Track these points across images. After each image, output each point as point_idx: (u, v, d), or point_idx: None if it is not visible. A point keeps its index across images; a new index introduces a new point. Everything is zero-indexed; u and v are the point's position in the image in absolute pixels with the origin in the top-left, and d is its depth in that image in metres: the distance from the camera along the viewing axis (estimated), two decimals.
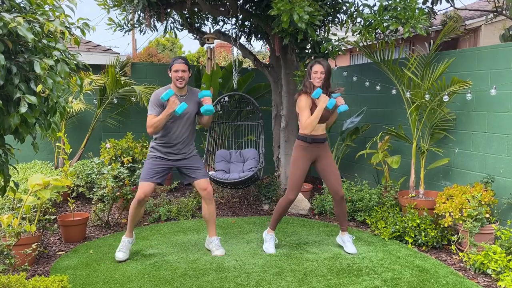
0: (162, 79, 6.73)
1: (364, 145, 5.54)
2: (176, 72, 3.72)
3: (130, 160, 5.39)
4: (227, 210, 5.49)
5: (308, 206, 5.38)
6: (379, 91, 5.43)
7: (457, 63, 4.66)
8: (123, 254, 3.79)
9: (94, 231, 4.66)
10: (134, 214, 3.82)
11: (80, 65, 2.39)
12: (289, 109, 5.58)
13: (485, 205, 3.88)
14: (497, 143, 4.26)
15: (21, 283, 2.69)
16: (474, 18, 8.98)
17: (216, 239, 4.00)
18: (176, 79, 3.73)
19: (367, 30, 4.50)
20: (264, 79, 6.33)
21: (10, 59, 2.01)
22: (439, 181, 4.94)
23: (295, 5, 4.00)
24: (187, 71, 3.75)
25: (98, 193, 4.69)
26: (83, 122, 6.66)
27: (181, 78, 3.72)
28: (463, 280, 3.35)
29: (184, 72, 3.73)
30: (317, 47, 4.76)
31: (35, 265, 3.73)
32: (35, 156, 6.24)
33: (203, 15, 6.28)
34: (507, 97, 4.15)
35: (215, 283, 3.28)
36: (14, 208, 4.07)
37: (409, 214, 4.25)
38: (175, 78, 3.73)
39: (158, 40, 19.20)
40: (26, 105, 1.98)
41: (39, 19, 2.07)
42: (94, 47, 7.17)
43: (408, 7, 4.31)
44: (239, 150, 5.42)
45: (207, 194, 3.85)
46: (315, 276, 3.42)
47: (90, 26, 2.33)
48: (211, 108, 3.71)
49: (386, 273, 3.47)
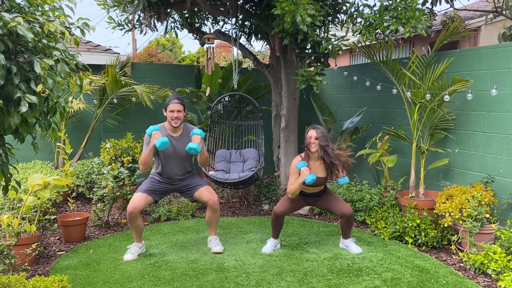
0: (162, 79, 6.73)
1: (364, 145, 5.54)
2: (172, 112, 3.79)
3: (130, 160, 5.39)
4: (227, 210, 5.49)
5: (308, 206, 5.37)
6: (379, 91, 5.42)
7: (457, 63, 4.66)
8: (131, 256, 3.81)
9: (94, 231, 4.66)
10: (132, 226, 3.82)
11: (80, 65, 2.39)
12: (289, 109, 5.58)
13: (485, 205, 3.88)
14: (497, 143, 4.26)
15: (21, 283, 2.69)
16: (474, 18, 8.98)
17: (215, 238, 4.05)
18: (171, 119, 3.80)
19: (368, 30, 4.50)
20: (264, 79, 6.33)
21: (10, 59, 2.01)
22: (439, 181, 4.94)
23: (299, 7, 4.00)
24: (182, 111, 3.82)
25: (98, 193, 4.69)
26: (83, 122, 6.66)
27: (177, 118, 3.80)
28: (463, 280, 3.35)
29: (179, 112, 3.80)
30: (317, 47, 4.76)
31: (35, 265, 3.73)
32: (35, 156, 6.24)
33: (203, 15, 6.28)
34: (507, 97, 4.15)
35: (215, 283, 3.28)
36: (14, 208, 4.06)
37: (409, 214, 4.25)
38: (170, 118, 3.81)
39: (158, 40, 19.19)
40: (27, 105, 1.98)
41: (39, 19, 2.07)
42: (94, 47, 7.17)
43: (409, 7, 4.31)
44: (239, 150, 5.42)
45: (213, 203, 3.88)
46: (315, 276, 3.42)
47: (90, 26, 2.34)
48: (195, 147, 3.69)
49: (386, 273, 3.47)
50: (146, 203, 3.80)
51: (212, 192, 3.91)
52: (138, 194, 3.80)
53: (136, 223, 3.78)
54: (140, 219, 3.82)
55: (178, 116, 3.79)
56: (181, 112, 3.80)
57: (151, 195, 3.83)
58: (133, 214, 3.71)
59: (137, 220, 3.76)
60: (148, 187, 3.86)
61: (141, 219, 3.83)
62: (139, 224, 3.81)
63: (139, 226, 3.82)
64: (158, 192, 3.90)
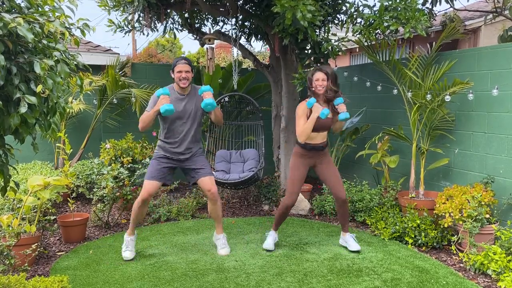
0: (162, 79, 6.73)
1: (364, 145, 5.54)
2: (180, 73, 3.70)
3: (130, 160, 5.38)
4: (227, 211, 5.49)
5: (308, 207, 5.37)
6: (379, 91, 5.42)
7: (457, 63, 4.66)
8: (130, 253, 3.81)
9: (94, 232, 4.66)
10: (137, 213, 3.82)
11: (80, 65, 2.39)
12: (289, 110, 5.58)
13: (485, 205, 3.88)
14: (497, 143, 4.26)
15: (21, 283, 2.68)
16: (474, 18, 8.98)
17: (223, 237, 4.01)
18: (179, 80, 3.71)
19: (368, 30, 4.50)
20: (264, 79, 6.33)
21: (10, 60, 2.01)
22: (439, 182, 4.94)
23: (299, 3, 3.99)
24: (190, 71, 3.75)
25: (98, 193, 4.69)
26: (83, 122, 6.66)
27: (185, 78, 3.71)
28: (463, 280, 3.35)
29: (187, 72, 3.72)
30: (317, 48, 4.75)
31: (35, 265, 3.73)
32: (35, 156, 6.24)
33: (203, 15, 6.28)
34: (507, 97, 4.15)
35: (215, 284, 3.28)
36: (14, 209, 4.06)
37: (409, 215, 4.25)
38: (178, 78, 3.72)
39: (158, 41, 19.19)
40: (26, 105, 1.98)
41: (39, 19, 2.07)
42: (94, 48, 7.17)
43: (409, 7, 4.31)
44: (239, 151, 5.42)
45: (211, 194, 3.83)
46: (315, 276, 3.42)
47: (90, 27, 2.33)
48: (211, 102, 3.67)
49: (386, 274, 3.46)
50: (157, 188, 3.81)
51: (213, 183, 3.85)
52: (149, 181, 3.74)
53: (143, 211, 3.85)
54: (147, 207, 3.89)
55: (186, 77, 3.70)
56: (189, 72, 3.72)
57: (160, 180, 3.79)
58: (147, 201, 3.77)
59: (145, 207, 3.84)
60: (155, 173, 3.77)
61: (147, 207, 3.90)
62: (144, 212, 3.88)
63: (143, 214, 3.89)
64: (165, 172, 3.81)
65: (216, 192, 3.86)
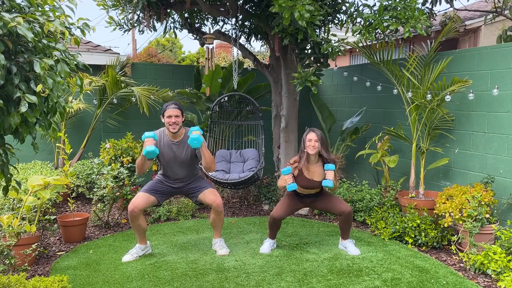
0: (162, 79, 6.73)
1: (364, 145, 5.54)
2: (169, 118, 3.74)
3: (130, 160, 5.38)
4: (227, 210, 5.49)
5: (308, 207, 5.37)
6: (379, 91, 5.42)
7: (457, 63, 4.66)
8: (129, 256, 3.80)
9: (94, 231, 4.66)
10: (133, 227, 3.81)
11: (80, 65, 2.39)
12: (289, 110, 5.58)
13: (485, 205, 3.88)
14: (497, 143, 4.26)
15: (21, 283, 2.69)
16: (474, 18, 8.98)
17: (220, 240, 4.03)
18: (169, 125, 3.75)
19: (367, 30, 4.50)
20: (264, 79, 6.33)
21: (10, 59, 2.01)
22: (439, 181, 4.94)
23: (297, 2, 3.99)
24: (180, 116, 3.78)
25: (98, 193, 4.69)
26: (83, 122, 6.66)
27: (174, 123, 3.75)
28: (463, 280, 3.35)
29: (177, 117, 3.75)
30: (317, 48, 4.75)
31: (35, 265, 3.73)
32: (35, 156, 6.24)
33: (203, 15, 6.28)
34: (507, 97, 4.15)
35: (215, 283, 3.28)
36: (14, 208, 4.06)
37: (409, 214, 4.25)
38: (168, 123, 3.75)
39: (158, 40, 19.17)
40: (26, 105, 1.98)
41: (39, 19, 2.07)
42: (94, 47, 7.17)
43: (408, 7, 4.31)
44: (239, 150, 5.42)
45: (217, 206, 3.85)
46: (315, 276, 3.42)
47: (90, 26, 2.34)
48: (196, 137, 3.61)
49: (386, 273, 3.46)
50: (147, 203, 3.77)
51: (216, 195, 3.87)
52: (141, 193, 3.79)
53: (137, 223, 3.74)
54: (142, 219, 3.75)
55: (176, 122, 3.73)
56: (178, 117, 3.75)
57: (154, 195, 3.81)
58: (134, 213, 3.67)
59: (138, 220, 3.72)
60: (151, 187, 3.84)
61: (143, 219, 3.77)
62: (140, 224, 3.76)
63: (140, 226, 3.77)
64: (161, 192, 3.88)
65: (221, 203, 3.87)
